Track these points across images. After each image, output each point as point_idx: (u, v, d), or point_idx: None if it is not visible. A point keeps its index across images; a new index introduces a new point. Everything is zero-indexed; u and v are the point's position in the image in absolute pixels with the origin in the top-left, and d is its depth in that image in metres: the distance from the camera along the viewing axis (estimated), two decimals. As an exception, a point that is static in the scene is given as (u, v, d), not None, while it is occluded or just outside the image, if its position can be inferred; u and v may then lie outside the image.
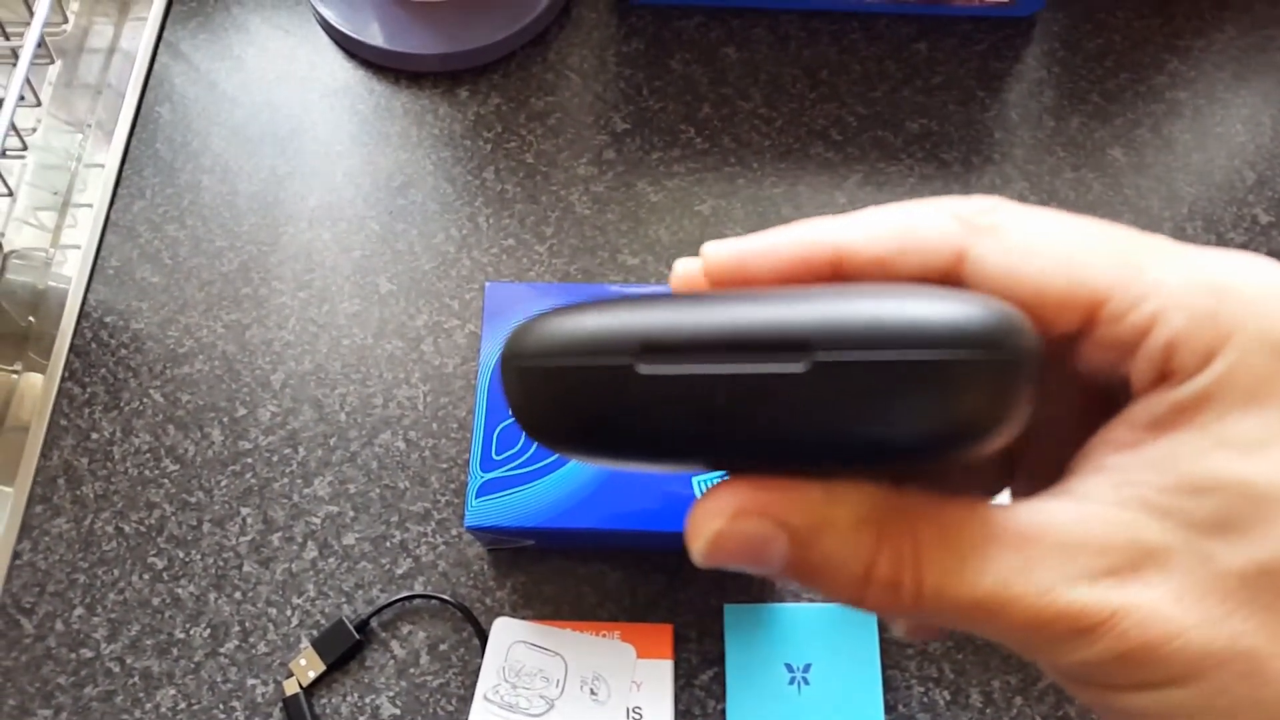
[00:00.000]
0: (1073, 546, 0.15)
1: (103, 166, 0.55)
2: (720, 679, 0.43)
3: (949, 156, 0.53)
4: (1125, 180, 0.53)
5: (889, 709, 0.42)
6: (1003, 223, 0.17)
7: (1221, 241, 0.51)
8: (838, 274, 0.17)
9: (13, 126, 0.51)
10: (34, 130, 0.57)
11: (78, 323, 0.51)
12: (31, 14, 0.52)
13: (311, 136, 0.55)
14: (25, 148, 0.55)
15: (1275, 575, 0.14)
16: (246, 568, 0.45)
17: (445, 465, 0.47)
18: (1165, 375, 0.15)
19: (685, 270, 0.18)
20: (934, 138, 0.54)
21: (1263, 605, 0.14)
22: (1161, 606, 0.14)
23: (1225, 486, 0.14)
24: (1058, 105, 0.54)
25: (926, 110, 0.54)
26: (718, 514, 0.16)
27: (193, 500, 0.47)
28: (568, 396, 0.16)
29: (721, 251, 0.18)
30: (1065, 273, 0.16)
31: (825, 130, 0.54)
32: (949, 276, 0.17)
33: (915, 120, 0.54)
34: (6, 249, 0.53)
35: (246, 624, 0.44)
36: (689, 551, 0.16)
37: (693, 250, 0.51)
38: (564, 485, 0.40)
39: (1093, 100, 0.55)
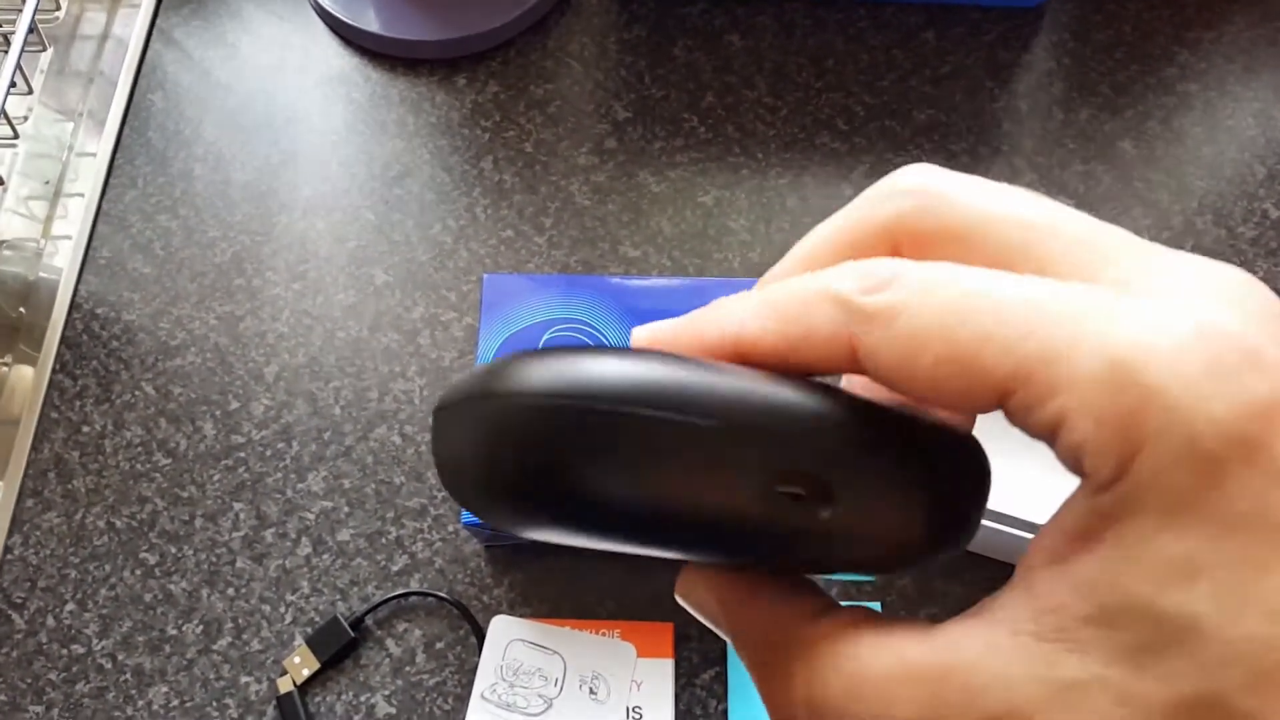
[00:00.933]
0: (979, 684, 0.14)
1: (94, 155, 0.54)
2: (722, 679, 0.42)
3: (957, 148, 0.52)
4: (1135, 173, 0.52)
5: (893, 710, 0.41)
6: (893, 305, 0.15)
7: (1232, 236, 0.51)
8: (745, 363, 0.17)
9: (4, 114, 0.50)
10: (25, 119, 0.56)
11: (69, 314, 0.50)
12: (23, 0, 0.51)
13: (306, 125, 0.54)
14: (16, 136, 0.54)
15: (1194, 711, 0.13)
16: (239, 564, 0.45)
17: (442, 460, 0.46)
18: (1085, 475, 0.14)
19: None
20: (942, 128, 0.53)
21: None
22: None
23: (1143, 617, 0.13)
24: (1067, 97, 0.54)
25: (934, 101, 0.54)
26: (682, 581, 0.18)
27: (185, 495, 0.46)
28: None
29: (643, 338, 0.18)
30: (962, 367, 0.14)
31: (831, 120, 0.53)
32: (850, 365, 0.15)
33: (923, 111, 0.53)
34: (-4, 238, 0.52)
35: (239, 621, 0.44)
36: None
37: (695, 242, 0.51)
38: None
39: (1102, 92, 0.54)
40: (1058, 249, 0.15)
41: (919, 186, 0.16)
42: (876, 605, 0.43)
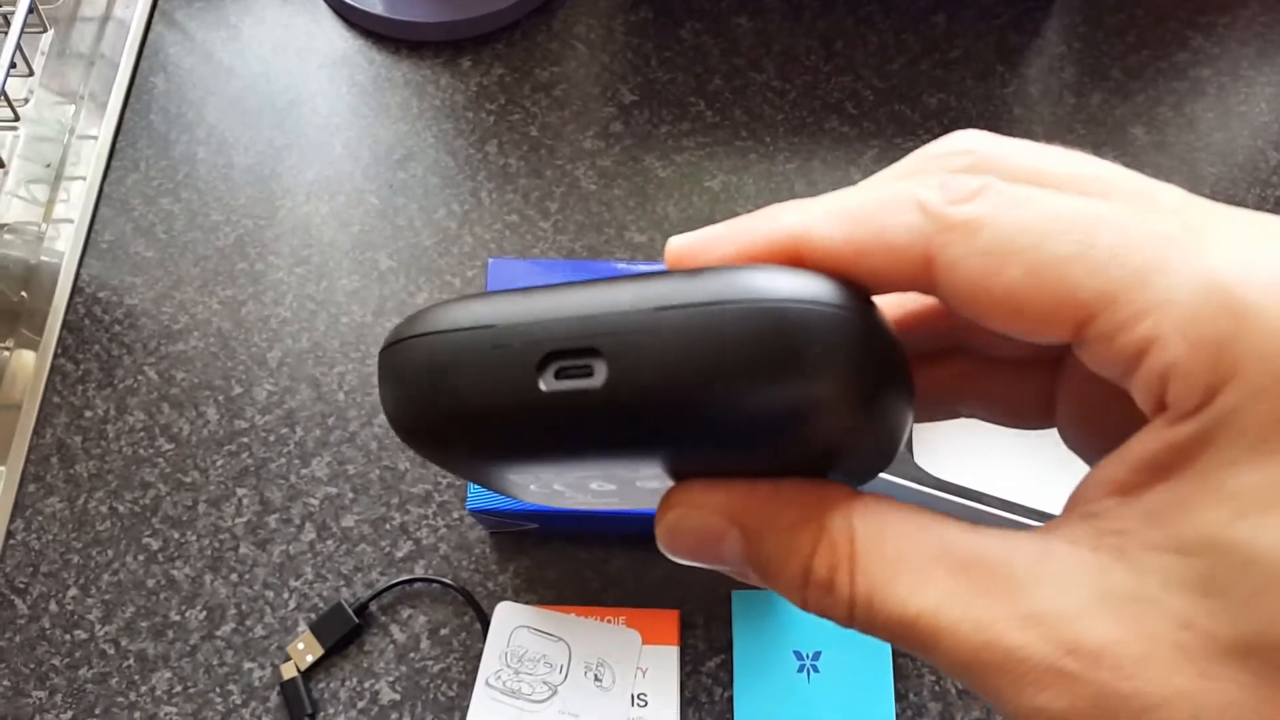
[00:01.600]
0: (1027, 581, 0.13)
1: (96, 138, 0.54)
2: (727, 666, 0.42)
3: (966, 132, 0.52)
4: (1146, 159, 0.51)
5: (900, 698, 0.41)
6: (980, 216, 0.14)
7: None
8: (802, 262, 0.16)
9: (4, 97, 0.50)
10: (26, 101, 0.55)
11: (70, 298, 0.50)
12: (22, -21, 0.50)
13: (309, 108, 0.53)
14: (17, 119, 0.54)
15: (1262, 653, 0.12)
16: (243, 549, 0.44)
17: (447, 446, 0.46)
18: (1163, 406, 0.13)
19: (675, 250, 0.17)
20: (952, 113, 0.52)
21: (1241, 684, 0.12)
22: (1127, 663, 0.12)
23: (1217, 550, 0.12)
24: (1078, 81, 0.53)
25: (944, 85, 0.53)
26: (675, 504, 0.16)
27: (188, 480, 0.46)
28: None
29: (682, 244, 0.17)
30: (1047, 285, 0.13)
31: (840, 104, 0.53)
32: (917, 280, 0.15)
33: (933, 95, 0.53)
34: (-3, 222, 0.52)
35: (243, 606, 0.43)
36: (659, 543, 0.17)
37: (702, 227, 0.50)
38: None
39: (1113, 77, 0.53)
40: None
41: (971, 148, 0.15)
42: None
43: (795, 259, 0.15)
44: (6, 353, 0.49)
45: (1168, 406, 0.13)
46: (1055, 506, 0.16)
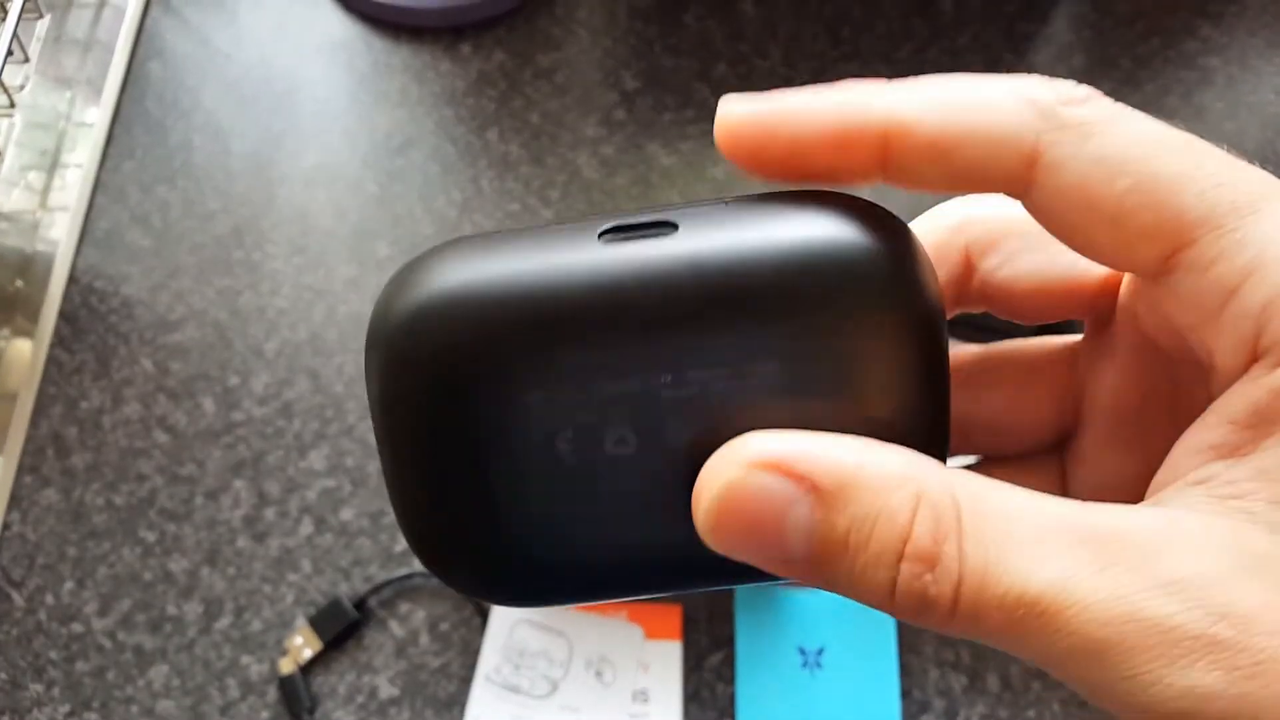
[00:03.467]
0: (1158, 549, 0.12)
1: (92, 125, 0.53)
2: (730, 662, 0.42)
3: (973, 121, 0.51)
4: (1157, 148, 0.51)
5: (905, 694, 0.41)
6: (1091, 121, 0.13)
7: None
8: (884, 159, 0.14)
9: (0, 83, 0.49)
10: (22, 88, 0.55)
11: (66, 287, 0.49)
12: (15, -37, 0.50)
13: (307, 94, 0.53)
14: (13, 105, 0.53)
15: None
16: (240, 543, 0.44)
17: (446, 438, 0.45)
18: (1258, 353, 0.12)
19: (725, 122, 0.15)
20: (958, 101, 0.52)
21: None
22: None
23: None
24: (1087, 70, 0.52)
25: (953, 71, 0.52)
26: (731, 462, 0.13)
27: (184, 472, 0.45)
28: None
29: (742, 116, 0.15)
30: (1153, 200, 0.13)
31: (845, 92, 0.52)
32: (1014, 180, 0.14)
33: (939, 83, 0.52)
34: (-8, 210, 0.51)
35: (240, 600, 0.43)
36: (696, 524, 0.14)
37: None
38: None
39: (1122, 65, 0.53)
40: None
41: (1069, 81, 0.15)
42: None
43: (882, 150, 0.14)
44: (2, 342, 0.49)
45: (1262, 353, 0.12)
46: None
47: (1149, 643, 0.12)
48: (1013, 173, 0.14)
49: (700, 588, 0.15)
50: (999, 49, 0.53)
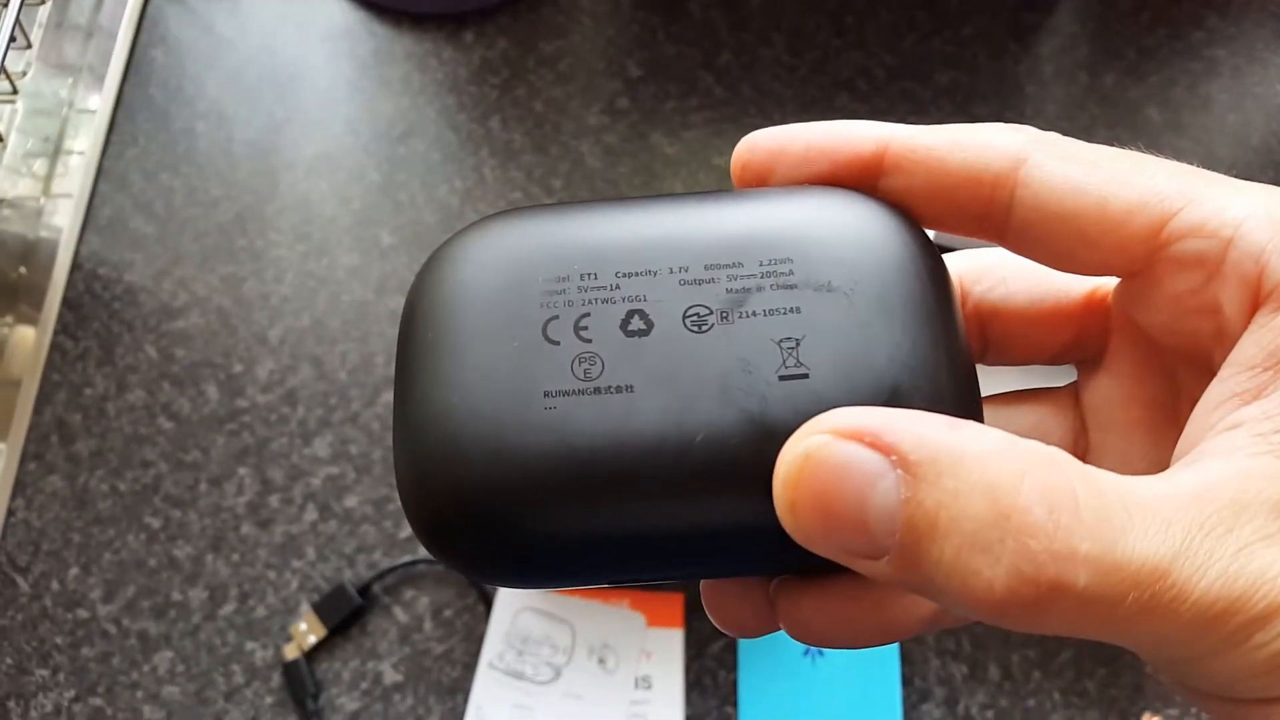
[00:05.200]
0: (1253, 494, 0.12)
1: (94, 112, 0.53)
2: (732, 649, 0.42)
3: (980, 111, 0.51)
4: (1160, 140, 0.50)
5: (905, 682, 0.41)
6: (1065, 139, 0.15)
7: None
8: (881, 163, 0.15)
9: (3, 70, 0.49)
10: (24, 74, 0.54)
11: (70, 274, 0.49)
12: (17, -52, 0.49)
13: (310, 82, 0.53)
14: (15, 92, 0.53)
15: None
16: (244, 529, 0.44)
17: (450, 426, 0.45)
18: (1260, 299, 0.13)
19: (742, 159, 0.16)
20: (964, 91, 0.51)
21: None
22: None
23: None
24: (1092, 61, 0.52)
25: (957, 62, 0.52)
26: (812, 431, 0.12)
27: (188, 459, 0.45)
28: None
29: (757, 146, 0.16)
30: (1130, 183, 0.14)
31: (851, 80, 0.52)
32: (1000, 182, 0.15)
33: (945, 72, 0.52)
34: (-5, 196, 0.51)
35: (245, 586, 0.43)
36: (777, 507, 0.13)
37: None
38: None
39: (1128, 56, 0.52)
40: None
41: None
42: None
43: (879, 162, 0.15)
44: (6, 329, 0.49)
45: (1265, 298, 0.13)
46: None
47: (1263, 603, 0.11)
48: (1001, 173, 0.15)
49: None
50: (1003, 40, 0.53)
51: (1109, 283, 0.17)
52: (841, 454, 0.12)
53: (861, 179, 0.16)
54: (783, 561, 0.15)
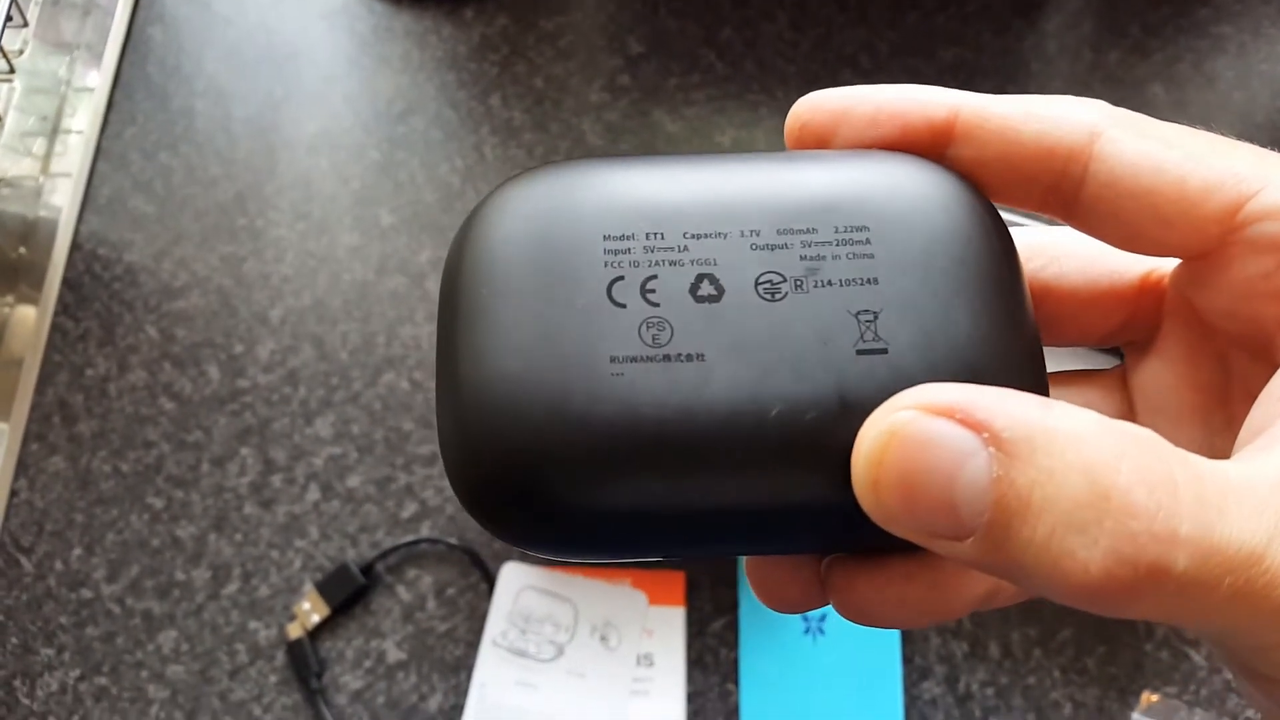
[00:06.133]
0: None
1: (92, 90, 0.52)
2: (733, 627, 0.42)
3: (984, 87, 0.50)
4: (1165, 118, 0.50)
5: (906, 660, 0.41)
6: (1139, 116, 0.15)
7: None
8: (949, 139, 0.15)
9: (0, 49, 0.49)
10: (21, 52, 0.54)
11: (70, 254, 0.49)
12: (12, -76, 0.49)
13: (309, 59, 0.52)
14: (12, 71, 0.52)
15: None
16: (247, 509, 0.44)
17: (451, 406, 0.45)
18: None
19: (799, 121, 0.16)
20: (968, 67, 0.51)
21: None
22: None
23: None
24: (1097, 37, 0.52)
25: (961, 38, 0.52)
26: (898, 406, 0.12)
27: (190, 439, 0.45)
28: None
29: (820, 106, 0.15)
30: (1210, 164, 0.14)
31: (854, 56, 0.51)
32: (1074, 156, 0.14)
33: (949, 49, 0.51)
34: (-7, 176, 0.51)
35: (248, 566, 0.43)
36: (856, 488, 0.12)
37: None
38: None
39: (1132, 33, 0.52)
40: None
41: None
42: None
43: (948, 130, 0.15)
44: (6, 309, 0.49)
45: None
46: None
47: None
48: (1075, 146, 0.14)
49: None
50: (1008, 16, 0.52)
51: (1165, 264, 0.17)
52: (930, 430, 0.11)
53: (930, 147, 0.15)
54: (847, 540, 0.14)
